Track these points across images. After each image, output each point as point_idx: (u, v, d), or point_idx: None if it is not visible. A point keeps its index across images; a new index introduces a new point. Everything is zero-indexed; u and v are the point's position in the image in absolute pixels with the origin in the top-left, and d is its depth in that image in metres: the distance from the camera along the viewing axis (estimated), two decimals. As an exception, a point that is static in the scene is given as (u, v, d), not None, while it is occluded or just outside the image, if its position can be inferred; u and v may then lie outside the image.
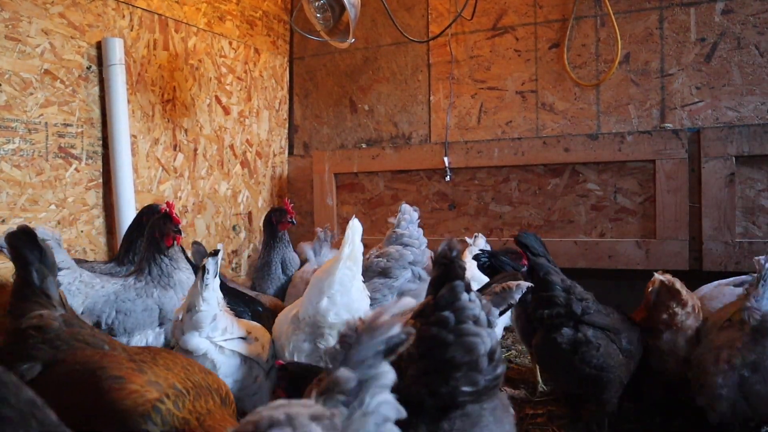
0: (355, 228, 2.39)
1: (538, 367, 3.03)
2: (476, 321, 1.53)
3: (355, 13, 3.75)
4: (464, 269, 1.58)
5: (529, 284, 2.32)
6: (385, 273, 3.07)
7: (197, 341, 2.21)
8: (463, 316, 1.52)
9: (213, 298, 2.24)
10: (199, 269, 2.23)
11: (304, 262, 3.93)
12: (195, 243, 4.03)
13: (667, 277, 2.47)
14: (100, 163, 3.83)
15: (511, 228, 4.71)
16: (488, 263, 2.99)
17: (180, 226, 2.86)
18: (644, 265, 4.19)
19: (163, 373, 1.47)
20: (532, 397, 2.98)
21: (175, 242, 2.85)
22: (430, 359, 1.51)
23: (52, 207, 3.54)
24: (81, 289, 2.66)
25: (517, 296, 2.32)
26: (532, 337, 2.78)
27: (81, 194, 3.72)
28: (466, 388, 1.48)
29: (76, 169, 3.68)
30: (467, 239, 4.01)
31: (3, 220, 3.26)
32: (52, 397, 1.22)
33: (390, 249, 3.09)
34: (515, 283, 2.35)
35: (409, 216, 3.34)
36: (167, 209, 2.85)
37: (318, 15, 3.87)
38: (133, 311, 2.69)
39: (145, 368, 1.47)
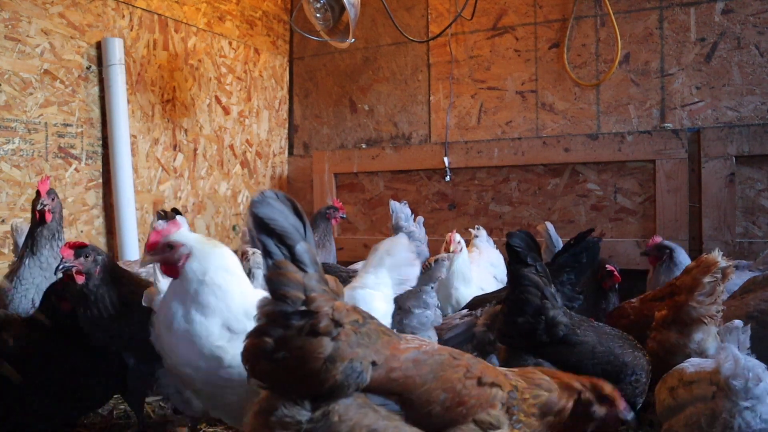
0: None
1: None
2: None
3: (355, 13, 3.75)
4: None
5: (447, 255, 2.47)
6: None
7: None
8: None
9: None
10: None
11: None
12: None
13: (727, 261, 2.30)
14: (99, 163, 3.83)
15: (511, 228, 4.70)
16: None
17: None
18: (644, 265, 4.17)
19: None
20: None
21: None
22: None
23: (52, 207, 3.53)
24: None
25: (441, 268, 2.42)
26: None
27: (81, 194, 3.72)
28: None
29: (75, 169, 3.68)
30: (471, 230, 4.04)
31: (3, 220, 3.27)
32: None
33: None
34: (434, 258, 2.47)
35: (403, 214, 3.35)
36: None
37: (318, 15, 3.87)
38: None
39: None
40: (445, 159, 4.82)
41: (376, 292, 2.19)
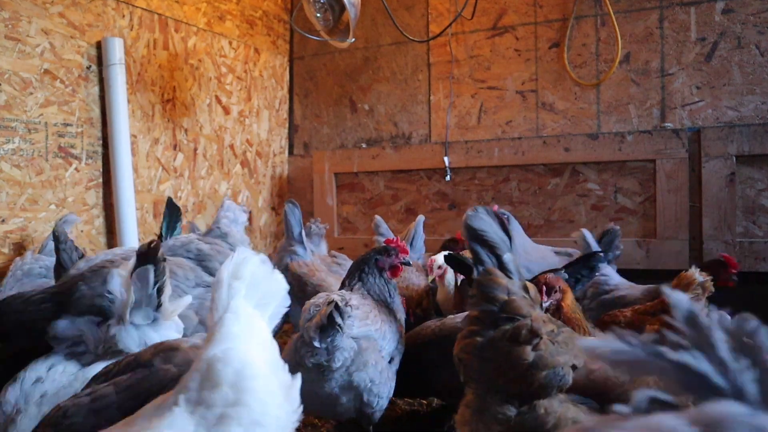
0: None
1: None
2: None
3: (355, 12, 3.75)
4: None
5: (337, 300, 1.90)
6: (201, 259, 2.62)
7: None
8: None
9: None
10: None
11: None
12: (290, 201, 3.50)
13: (704, 277, 2.45)
14: (100, 162, 3.83)
15: (511, 228, 4.70)
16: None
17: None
18: (644, 264, 4.18)
19: None
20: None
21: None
22: None
23: (52, 207, 3.53)
24: None
25: (336, 318, 1.85)
26: None
27: (81, 194, 3.72)
28: None
29: (76, 168, 3.68)
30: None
31: (3, 220, 3.26)
32: None
33: (217, 240, 2.81)
34: (329, 301, 1.95)
35: (232, 215, 3.04)
36: None
37: (318, 15, 3.87)
38: None
39: None
40: (445, 159, 4.82)
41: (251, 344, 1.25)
